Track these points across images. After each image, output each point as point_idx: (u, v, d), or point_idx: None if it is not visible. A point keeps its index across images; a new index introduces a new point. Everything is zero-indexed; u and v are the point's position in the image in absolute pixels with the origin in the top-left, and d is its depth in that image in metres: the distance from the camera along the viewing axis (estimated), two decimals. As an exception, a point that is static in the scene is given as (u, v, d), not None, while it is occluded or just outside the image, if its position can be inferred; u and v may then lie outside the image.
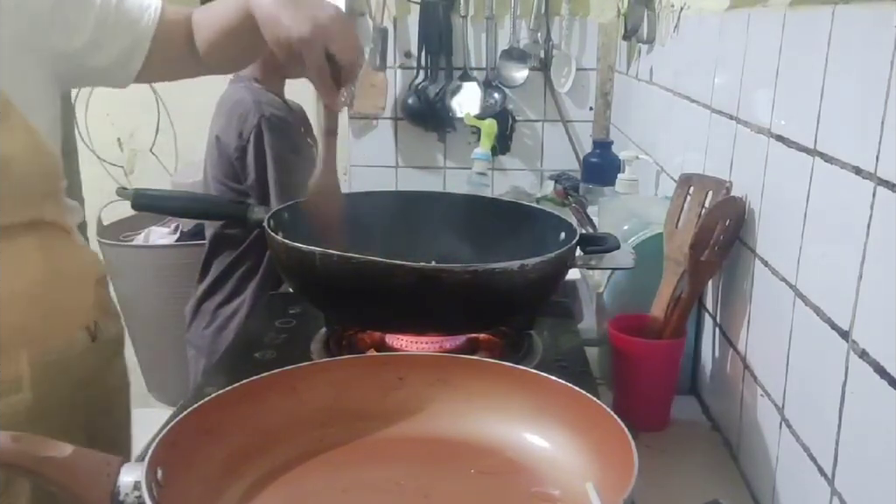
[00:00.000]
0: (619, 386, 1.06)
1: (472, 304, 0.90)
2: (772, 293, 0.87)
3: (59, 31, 0.97)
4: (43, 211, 0.96)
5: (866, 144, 0.65)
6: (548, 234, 1.04)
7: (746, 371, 0.95)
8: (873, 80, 0.64)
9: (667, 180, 1.43)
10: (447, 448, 0.73)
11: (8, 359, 0.92)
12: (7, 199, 0.89)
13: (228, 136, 1.52)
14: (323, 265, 0.88)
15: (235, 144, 1.51)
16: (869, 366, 0.64)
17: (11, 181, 0.89)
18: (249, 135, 1.49)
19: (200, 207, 1.22)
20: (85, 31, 0.98)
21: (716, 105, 1.13)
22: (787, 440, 0.81)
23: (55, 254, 0.98)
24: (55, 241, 0.99)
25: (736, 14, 1.08)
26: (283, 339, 1.06)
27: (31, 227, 0.94)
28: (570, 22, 2.24)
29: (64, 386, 0.98)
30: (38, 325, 0.95)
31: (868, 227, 0.65)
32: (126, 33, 1.02)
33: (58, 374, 0.97)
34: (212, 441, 0.66)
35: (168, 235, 2.22)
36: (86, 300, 1.04)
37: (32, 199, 0.94)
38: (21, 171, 0.91)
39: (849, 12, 0.72)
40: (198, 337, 1.64)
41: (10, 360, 0.92)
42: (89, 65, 1.01)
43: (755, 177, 0.94)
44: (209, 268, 1.65)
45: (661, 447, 1.01)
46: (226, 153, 1.53)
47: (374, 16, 2.24)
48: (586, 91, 2.29)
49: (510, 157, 2.34)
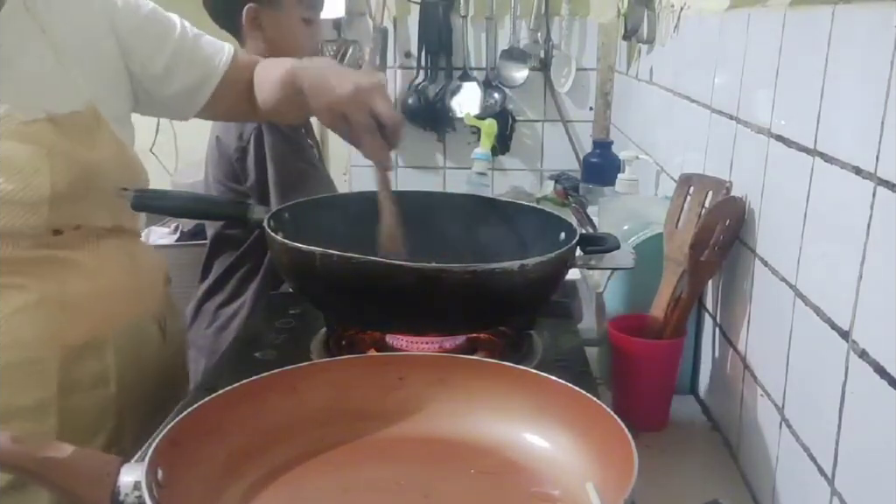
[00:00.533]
0: (618, 386, 1.06)
1: (472, 305, 0.90)
2: (772, 293, 0.87)
3: (139, 55, 1.03)
4: (123, 217, 1.04)
5: (866, 144, 0.65)
6: (548, 234, 1.04)
7: (746, 371, 0.95)
8: (873, 80, 0.64)
9: (667, 180, 1.43)
10: (447, 448, 0.73)
11: (98, 353, 0.98)
12: (97, 205, 0.98)
13: (229, 137, 1.52)
14: (323, 265, 0.88)
15: (236, 145, 1.51)
16: (869, 366, 0.64)
17: (102, 188, 0.97)
18: (250, 136, 1.49)
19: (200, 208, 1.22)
20: (161, 58, 1.05)
21: (716, 105, 1.13)
22: (787, 440, 0.81)
23: (134, 255, 1.07)
24: (132, 244, 1.08)
25: (736, 14, 1.08)
26: (284, 339, 1.06)
27: (113, 232, 1.02)
28: (570, 22, 2.24)
29: (142, 381, 1.05)
30: (122, 321, 1.02)
31: (868, 227, 0.65)
32: (198, 68, 1.08)
33: (137, 369, 1.04)
34: (212, 441, 0.66)
35: (168, 235, 2.22)
36: (158, 297, 1.12)
37: (117, 206, 1.00)
38: (110, 178, 0.98)
39: (849, 12, 0.72)
40: (199, 337, 1.64)
41: (100, 354, 0.99)
42: (159, 93, 1.07)
43: (755, 177, 0.94)
44: (210, 268, 1.65)
45: (661, 447, 1.01)
46: (226, 154, 1.53)
47: (374, 16, 2.24)
48: (586, 91, 2.29)
49: (510, 157, 2.34)
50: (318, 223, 1.05)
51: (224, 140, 1.53)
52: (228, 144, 1.52)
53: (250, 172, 1.51)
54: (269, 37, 1.55)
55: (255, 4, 1.53)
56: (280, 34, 1.56)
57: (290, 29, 1.57)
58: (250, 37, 1.56)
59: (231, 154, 1.52)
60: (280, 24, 1.55)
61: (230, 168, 1.54)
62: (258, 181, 1.51)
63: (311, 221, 1.05)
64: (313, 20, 1.61)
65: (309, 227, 1.03)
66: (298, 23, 1.57)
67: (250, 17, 1.53)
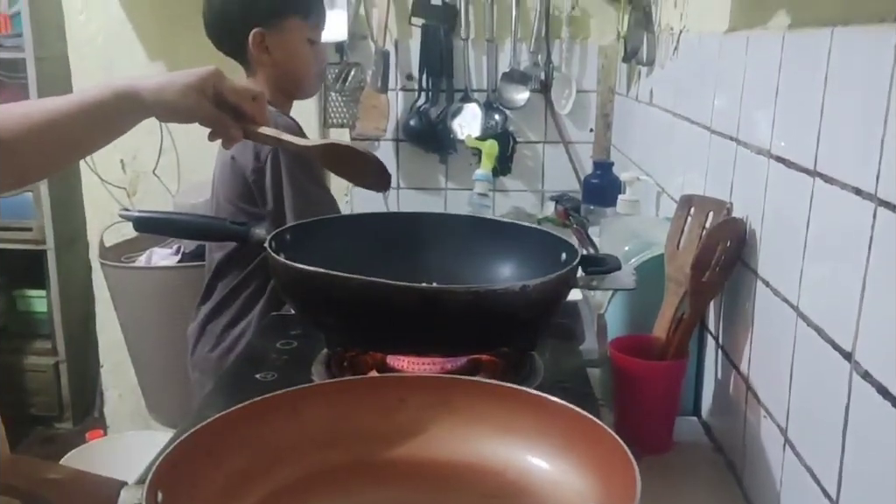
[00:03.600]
0: (621, 407, 1.06)
1: (473, 325, 0.90)
2: (774, 314, 0.87)
3: None
4: None
5: (866, 165, 0.65)
6: (549, 255, 1.04)
7: (749, 392, 0.94)
8: (872, 101, 0.65)
9: (667, 201, 1.43)
10: (449, 470, 0.73)
11: None
12: None
13: (245, 157, 1.52)
14: (324, 286, 0.88)
15: (253, 166, 1.51)
16: (872, 387, 0.63)
17: None
18: (267, 157, 1.49)
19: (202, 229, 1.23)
20: None
21: (716, 126, 1.14)
22: (791, 462, 0.81)
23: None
24: None
25: (735, 36, 1.09)
26: (285, 361, 1.05)
27: None
28: (571, 45, 2.26)
29: None
30: None
31: (869, 248, 0.65)
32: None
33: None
34: (212, 463, 0.66)
35: (170, 257, 2.22)
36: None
37: None
38: None
39: (847, 34, 0.72)
40: (203, 360, 1.63)
41: None
42: None
43: (756, 198, 0.94)
44: (213, 289, 1.64)
45: (664, 469, 1.00)
46: (241, 174, 1.53)
47: (376, 39, 2.25)
48: (587, 112, 2.30)
49: (511, 179, 2.34)
50: (320, 244, 1.05)
51: (239, 160, 1.53)
52: (244, 165, 1.52)
53: (268, 193, 1.51)
54: (276, 60, 1.56)
55: (261, 28, 1.54)
56: (287, 56, 1.57)
57: (296, 51, 1.58)
58: (258, 61, 1.57)
59: (248, 174, 1.52)
60: (286, 46, 1.57)
61: (245, 189, 1.54)
62: (275, 202, 1.51)
63: (313, 242, 1.05)
64: (317, 41, 1.62)
65: (310, 248, 1.03)
66: (304, 44, 1.59)
67: (257, 41, 1.54)
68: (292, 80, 1.61)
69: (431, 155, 2.34)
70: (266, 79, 1.58)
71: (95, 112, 0.87)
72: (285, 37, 1.56)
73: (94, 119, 0.88)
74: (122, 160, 2.56)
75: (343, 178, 1.06)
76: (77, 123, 0.87)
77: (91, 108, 0.87)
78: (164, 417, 2.28)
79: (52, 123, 0.85)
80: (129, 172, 2.58)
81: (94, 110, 0.87)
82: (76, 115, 0.86)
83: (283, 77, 1.59)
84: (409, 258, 1.09)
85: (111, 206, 2.54)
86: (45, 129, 0.84)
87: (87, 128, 0.88)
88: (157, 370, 2.23)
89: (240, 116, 0.95)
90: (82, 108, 0.86)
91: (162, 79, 0.90)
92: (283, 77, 1.59)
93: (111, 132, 0.91)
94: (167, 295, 2.13)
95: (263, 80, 1.58)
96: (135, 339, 2.29)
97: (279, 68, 1.57)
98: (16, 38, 2.63)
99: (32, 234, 2.80)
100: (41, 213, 2.77)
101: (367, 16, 2.27)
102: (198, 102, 0.91)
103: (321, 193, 1.55)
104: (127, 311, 2.27)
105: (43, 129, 0.84)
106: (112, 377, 2.73)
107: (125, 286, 2.23)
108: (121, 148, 2.55)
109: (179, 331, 1.74)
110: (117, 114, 0.89)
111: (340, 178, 1.06)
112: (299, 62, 1.59)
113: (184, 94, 0.90)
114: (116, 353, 2.60)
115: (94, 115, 0.87)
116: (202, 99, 0.91)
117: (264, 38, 1.55)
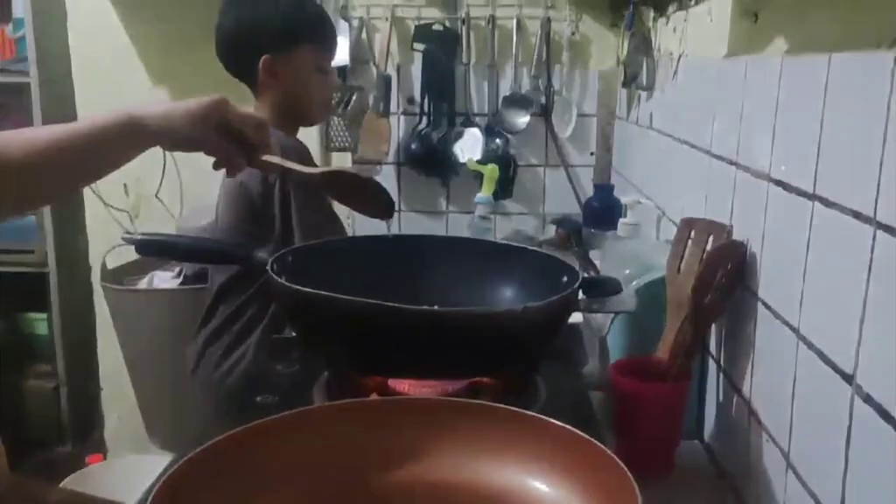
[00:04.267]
0: (623, 430, 1.05)
1: (475, 348, 0.90)
2: (775, 337, 0.87)
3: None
4: None
5: (865, 189, 0.66)
6: (550, 277, 1.04)
7: (751, 416, 0.94)
8: (870, 125, 0.65)
9: (668, 224, 1.44)
10: (450, 494, 0.72)
11: None
12: None
13: (253, 181, 1.52)
14: (325, 309, 0.88)
15: (261, 189, 1.51)
16: (874, 410, 0.63)
17: None
18: (276, 180, 1.50)
19: (205, 251, 1.23)
20: None
21: (715, 150, 1.14)
22: (794, 486, 0.80)
23: None
24: None
25: (733, 61, 1.10)
26: (285, 384, 1.05)
27: None
28: (571, 69, 2.28)
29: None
30: None
31: (869, 271, 0.65)
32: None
33: None
34: (212, 486, 0.65)
35: (172, 279, 2.22)
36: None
37: None
38: None
39: (845, 59, 0.73)
40: (203, 382, 1.63)
41: None
42: None
43: (756, 221, 0.94)
44: (213, 314, 1.64)
45: (666, 493, 0.99)
46: (248, 197, 1.53)
47: (378, 63, 2.27)
48: (587, 136, 2.31)
49: (512, 202, 2.35)
50: (322, 267, 1.05)
51: (248, 184, 1.53)
52: (252, 188, 1.53)
53: (276, 217, 1.51)
54: (284, 86, 1.57)
55: (271, 56, 1.55)
56: (295, 84, 1.58)
57: (305, 78, 1.59)
58: (266, 86, 1.57)
59: (255, 197, 1.52)
60: (295, 73, 1.57)
61: (251, 212, 1.54)
62: (283, 224, 1.51)
63: (315, 265, 1.05)
64: (327, 70, 1.63)
65: (312, 271, 1.03)
66: (313, 73, 1.59)
67: (266, 66, 1.55)
68: (299, 106, 1.61)
69: (433, 178, 2.35)
70: (273, 104, 1.59)
71: (101, 140, 0.87)
72: (295, 64, 1.57)
73: (99, 147, 0.88)
74: (125, 184, 2.57)
75: (347, 206, 1.07)
76: (82, 150, 0.87)
77: (97, 135, 0.87)
78: (163, 440, 2.27)
79: (58, 150, 0.85)
80: (131, 196, 2.59)
81: (99, 138, 0.87)
82: (82, 143, 0.86)
83: (290, 103, 1.60)
84: (411, 281, 1.09)
85: (114, 229, 2.54)
86: (50, 155, 0.85)
87: (93, 155, 0.89)
88: (158, 393, 2.22)
89: (244, 144, 0.95)
90: (88, 135, 0.87)
91: (167, 107, 0.91)
92: (290, 103, 1.60)
93: (117, 160, 0.92)
94: (168, 317, 2.13)
95: (270, 105, 1.59)
96: (135, 362, 2.28)
97: (287, 95, 1.58)
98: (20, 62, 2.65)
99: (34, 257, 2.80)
100: (43, 235, 2.78)
101: (369, 40, 2.29)
102: (203, 133, 0.91)
103: (329, 216, 1.56)
104: (128, 333, 2.26)
105: (48, 156, 0.85)
106: (112, 400, 2.72)
107: (126, 308, 2.23)
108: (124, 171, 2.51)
109: (180, 353, 1.73)
110: (123, 142, 0.89)
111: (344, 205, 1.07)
112: (307, 90, 1.60)
113: (190, 124, 0.90)
114: (116, 377, 2.59)
115: (99, 143, 0.88)
116: (207, 129, 0.91)
117: (274, 64, 1.55)
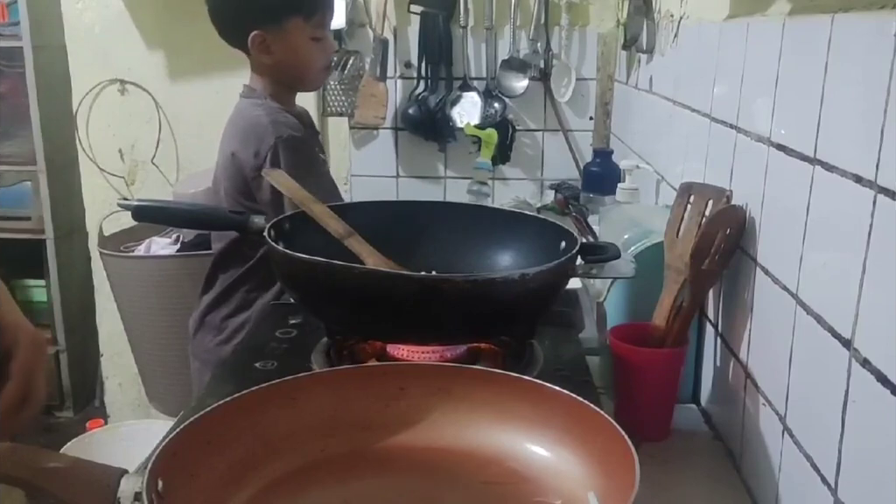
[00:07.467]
0: (620, 395, 1.06)
1: (472, 314, 0.90)
2: (773, 302, 0.87)
3: None
4: None
5: (866, 153, 0.65)
6: (548, 243, 1.04)
7: (748, 380, 0.94)
8: (873, 88, 0.64)
9: (667, 189, 1.43)
10: (448, 458, 0.73)
11: None
12: None
13: (245, 154, 1.51)
14: (324, 275, 0.88)
15: (252, 164, 1.50)
16: (871, 374, 0.63)
17: None
18: (266, 154, 1.49)
19: (201, 218, 1.22)
20: None
21: (716, 114, 1.13)
22: (790, 449, 0.81)
23: None
24: None
25: (735, 23, 1.09)
26: (284, 349, 1.05)
27: None
28: (570, 32, 2.25)
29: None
30: None
31: (869, 236, 0.65)
32: None
33: None
34: (212, 452, 0.66)
35: (169, 246, 2.22)
36: None
37: None
38: None
39: (848, 20, 0.72)
40: (203, 349, 1.63)
41: None
42: None
43: (756, 185, 0.94)
44: (214, 280, 1.64)
45: (663, 457, 1.00)
46: (241, 171, 1.53)
47: (375, 27, 2.25)
48: (586, 101, 2.30)
49: (511, 167, 2.34)
50: (319, 233, 1.05)
51: (240, 156, 1.52)
52: (245, 161, 1.51)
53: (265, 191, 1.51)
54: (278, 59, 1.55)
55: (261, 30, 1.52)
56: (289, 55, 1.55)
57: (299, 49, 1.56)
58: (258, 59, 1.56)
59: (247, 172, 1.51)
60: (288, 46, 1.55)
61: (245, 185, 1.54)
62: (273, 200, 1.50)
63: (312, 231, 1.05)
64: (322, 37, 1.61)
65: (309, 237, 1.03)
66: (307, 42, 1.57)
67: (257, 42, 1.53)
68: (296, 76, 1.59)
69: (430, 143, 2.33)
70: (269, 75, 1.57)
71: None
72: (287, 37, 1.54)
73: None
74: (121, 150, 2.56)
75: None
76: None
77: None
78: (164, 406, 2.29)
79: None
80: (127, 162, 2.57)
81: None
82: None
83: (286, 74, 1.58)
84: (408, 247, 1.09)
85: (110, 195, 2.54)
86: None
87: None
88: (157, 359, 2.23)
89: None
90: None
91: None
92: (287, 74, 1.58)
93: None
94: (166, 284, 2.13)
95: (267, 76, 1.57)
96: (134, 328, 2.29)
97: (282, 66, 1.56)
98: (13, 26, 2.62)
99: (31, 224, 2.79)
100: (40, 202, 2.77)
101: (365, 3, 2.26)
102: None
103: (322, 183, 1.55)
104: (126, 300, 2.27)
105: None
106: (112, 366, 2.74)
107: (124, 275, 2.24)
108: (119, 137, 2.55)
109: (179, 320, 1.74)
110: None
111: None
112: (303, 59, 1.57)
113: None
114: (116, 343, 2.61)
115: None
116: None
117: (265, 39, 1.53)
